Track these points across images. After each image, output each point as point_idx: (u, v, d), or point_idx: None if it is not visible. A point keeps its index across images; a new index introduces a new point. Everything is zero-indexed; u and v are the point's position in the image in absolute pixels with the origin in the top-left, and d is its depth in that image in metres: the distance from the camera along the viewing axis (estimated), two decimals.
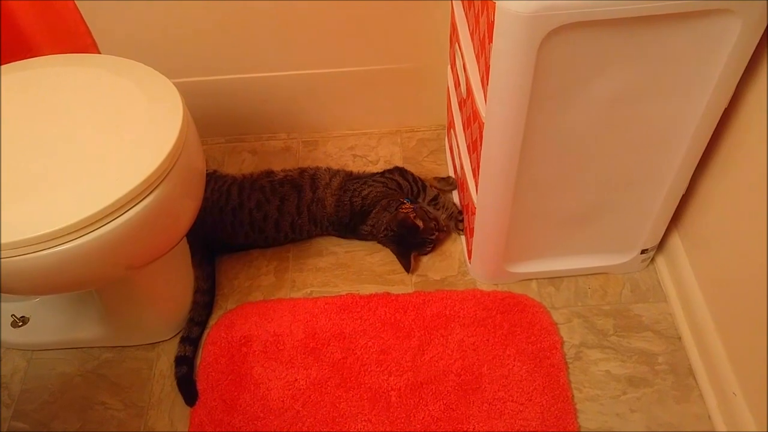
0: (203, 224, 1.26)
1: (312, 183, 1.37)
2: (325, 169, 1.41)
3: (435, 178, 1.48)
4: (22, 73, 1.11)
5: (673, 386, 1.17)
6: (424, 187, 1.41)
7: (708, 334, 1.13)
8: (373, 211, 1.34)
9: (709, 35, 0.85)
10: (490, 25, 0.87)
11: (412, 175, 1.42)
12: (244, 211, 1.34)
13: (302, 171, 1.40)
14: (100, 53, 1.40)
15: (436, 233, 1.34)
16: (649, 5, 0.80)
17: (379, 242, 1.37)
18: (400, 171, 1.41)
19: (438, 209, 1.42)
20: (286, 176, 1.39)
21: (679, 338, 1.23)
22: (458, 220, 1.38)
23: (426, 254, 1.37)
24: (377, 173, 1.41)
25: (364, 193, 1.35)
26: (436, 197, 1.41)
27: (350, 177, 1.40)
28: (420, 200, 1.42)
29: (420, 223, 1.30)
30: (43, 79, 1.10)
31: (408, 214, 1.30)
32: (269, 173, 1.40)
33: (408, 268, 1.34)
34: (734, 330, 1.07)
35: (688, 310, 1.20)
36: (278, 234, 1.37)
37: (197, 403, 1.19)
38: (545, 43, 0.83)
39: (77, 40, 1.38)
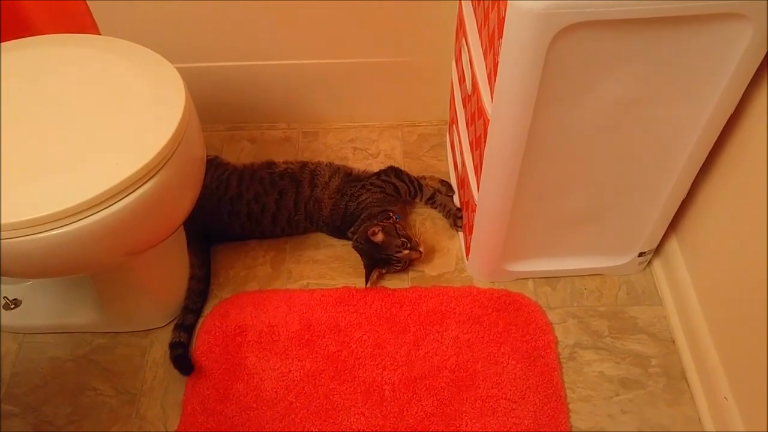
0: (200, 212, 1.25)
1: (311, 179, 1.36)
2: (326, 165, 1.39)
3: (439, 180, 1.47)
4: (20, 52, 1.09)
5: (665, 389, 1.18)
6: (420, 186, 1.40)
7: (702, 338, 1.14)
8: (361, 216, 1.33)
9: (720, 40, 0.85)
10: (501, 21, 0.86)
11: (408, 175, 1.41)
12: (242, 202, 1.33)
13: (303, 165, 1.39)
14: (100, 34, 1.38)
15: (405, 251, 1.28)
16: (662, 7, 0.80)
17: (354, 249, 1.34)
18: (396, 172, 1.40)
19: (435, 207, 1.42)
20: (287, 169, 1.38)
21: (673, 341, 1.23)
22: (457, 217, 1.38)
23: (396, 272, 1.33)
24: (374, 175, 1.39)
25: (362, 198, 1.34)
26: (433, 196, 1.41)
27: (349, 178, 1.38)
28: (417, 200, 1.42)
29: (379, 237, 1.26)
30: (42, 59, 1.09)
31: (373, 229, 1.26)
32: (270, 164, 1.39)
33: (367, 280, 1.29)
34: (728, 335, 1.08)
35: (683, 313, 1.21)
36: (275, 228, 1.36)
37: (190, 391, 1.18)
38: (556, 41, 0.83)
39: (77, 19, 1.36)
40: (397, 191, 1.38)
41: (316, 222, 1.37)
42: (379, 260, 1.29)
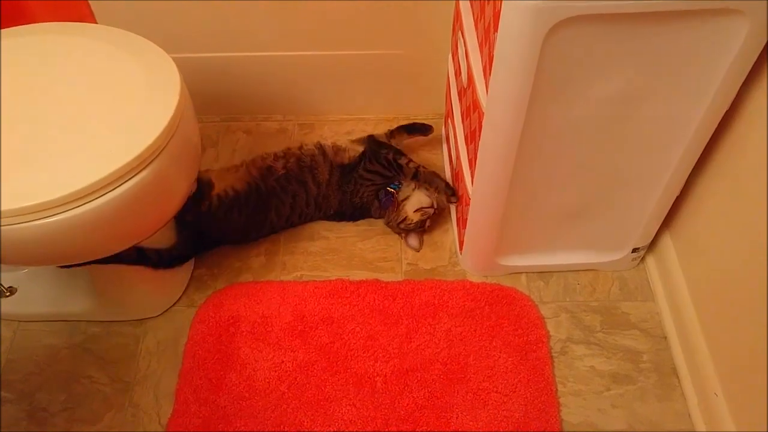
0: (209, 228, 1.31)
1: (313, 177, 1.35)
2: (318, 155, 1.36)
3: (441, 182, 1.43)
4: (17, 39, 1.09)
5: (655, 384, 1.19)
6: (400, 167, 1.37)
7: (693, 334, 1.14)
8: (372, 208, 1.41)
9: (715, 35, 0.84)
10: (496, 15, 0.86)
11: (386, 159, 1.37)
12: (262, 217, 1.35)
13: (300, 163, 1.34)
14: (96, 23, 1.38)
15: (429, 210, 1.34)
16: (658, 1, 0.79)
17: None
18: (375, 156, 1.37)
19: (421, 186, 1.37)
20: (288, 172, 1.33)
21: (665, 338, 1.24)
22: (448, 194, 1.35)
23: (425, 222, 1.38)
24: (360, 164, 1.37)
25: (361, 192, 1.38)
26: (415, 173, 1.37)
27: (343, 170, 1.36)
28: (402, 180, 1.38)
29: (417, 242, 1.38)
30: (38, 47, 1.09)
31: (411, 240, 1.38)
32: (270, 169, 1.33)
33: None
34: (719, 332, 1.08)
35: (675, 310, 1.21)
36: (285, 224, 1.40)
37: (183, 380, 1.19)
38: (551, 35, 0.83)
39: (75, 8, 1.36)
40: (384, 176, 1.38)
41: (325, 211, 1.41)
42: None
